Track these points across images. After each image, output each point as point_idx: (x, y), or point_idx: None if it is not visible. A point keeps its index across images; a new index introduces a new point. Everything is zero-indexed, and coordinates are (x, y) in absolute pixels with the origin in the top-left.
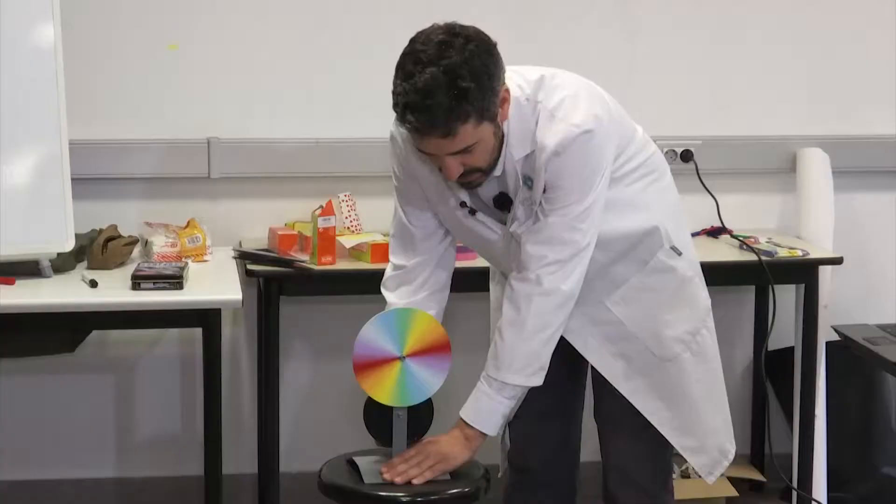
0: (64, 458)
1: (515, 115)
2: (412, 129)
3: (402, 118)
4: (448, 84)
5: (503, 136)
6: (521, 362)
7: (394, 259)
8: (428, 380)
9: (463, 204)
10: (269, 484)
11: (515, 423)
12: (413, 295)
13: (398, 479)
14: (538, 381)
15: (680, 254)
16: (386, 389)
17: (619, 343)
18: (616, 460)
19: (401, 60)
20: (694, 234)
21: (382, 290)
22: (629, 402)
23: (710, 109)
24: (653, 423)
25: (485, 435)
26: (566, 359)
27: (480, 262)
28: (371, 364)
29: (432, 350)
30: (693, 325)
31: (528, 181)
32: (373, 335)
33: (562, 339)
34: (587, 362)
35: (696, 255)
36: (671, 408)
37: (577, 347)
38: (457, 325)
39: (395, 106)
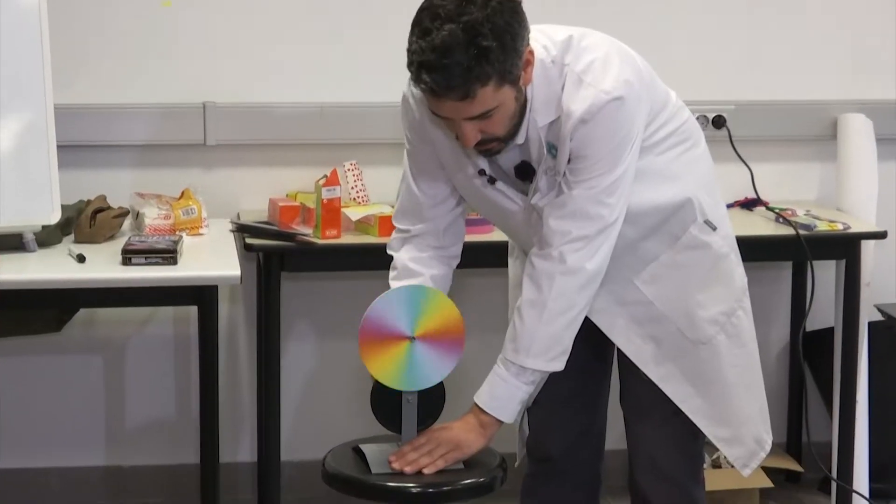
0: (49, 445)
1: (540, 79)
2: (427, 91)
3: (416, 78)
4: (467, 42)
5: (526, 101)
6: (541, 345)
7: (398, 224)
8: (440, 362)
9: (482, 172)
10: (270, 473)
11: (535, 409)
12: (419, 251)
13: (408, 469)
14: (559, 365)
15: (714, 228)
16: (395, 372)
17: (647, 325)
18: (643, 449)
19: (417, 16)
20: (728, 206)
21: (388, 250)
22: (658, 389)
23: (744, 72)
24: (684, 411)
25: (501, 422)
26: (591, 341)
27: (498, 236)
28: (379, 345)
29: (445, 331)
30: (728, 306)
31: (553, 149)
32: (381, 314)
33: (586, 319)
34: (613, 345)
35: (732, 230)
36: (704, 395)
37: (602, 329)
38: (472, 304)
39: (410, 65)
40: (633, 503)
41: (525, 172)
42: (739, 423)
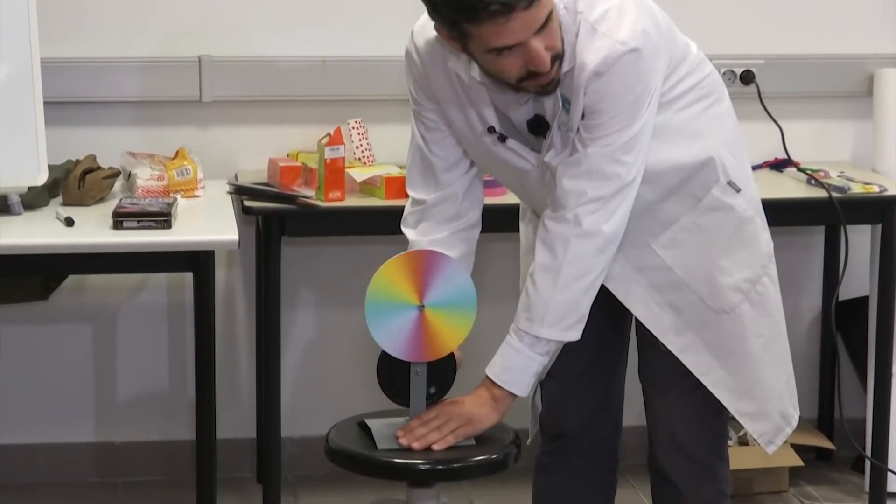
0: (36, 419)
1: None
2: (497, 12)
3: (479, 7)
4: None
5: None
6: (556, 314)
7: (412, 193)
8: (451, 332)
9: (491, 129)
10: (270, 450)
11: (549, 382)
12: (436, 231)
13: (416, 445)
14: (575, 335)
15: (738, 190)
16: (403, 342)
17: (667, 292)
18: (663, 425)
19: None
20: (755, 168)
21: (402, 227)
22: (678, 360)
23: (774, 24)
24: (705, 384)
25: (514, 395)
26: (607, 309)
27: (511, 199)
28: (386, 313)
29: (456, 299)
30: (753, 272)
31: (567, 103)
32: (389, 280)
33: (603, 287)
34: (631, 314)
35: (758, 192)
36: (727, 367)
37: (618, 296)
38: (483, 271)
39: (459, 4)
40: (653, 482)
41: (538, 128)
42: (764, 396)
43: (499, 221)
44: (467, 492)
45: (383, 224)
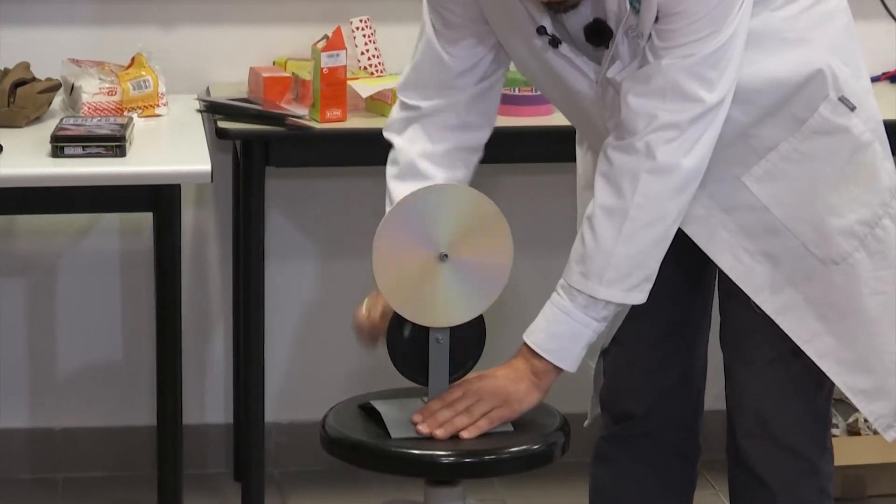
0: None
1: None
2: None
3: None
4: None
5: None
6: (619, 269)
7: (404, 97)
8: (480, 289)
9: (541, 30)
10: (250, 439)
11: (614, 349)
12: (430, 141)
13: (440, 433)
14: (641, 297)
15: (853, 108)
16: (420, 303)
17: (761, 238)
18: (748, 404)
19: None
20: (873, 80)
21: (385, 133)
22: (773, 324)
23: None
24: (808, 353)
25: (560, 370)
26: (685, 262)
27: (560, 119)
28: (400, 266)
29: (488, 247)
30: (871, 212)
31: (637, 2)
32: (402, 224)
33: (680, 232)
34: (714, 266)
35: (878, 110)
36: (835, 332)
37: (699, 243)
38: (524, 211)
39: None
40: (733, 476)
41: (599, 36)
42: (885, 370)
43: (544, 148)
44: (500, 491)
45: None
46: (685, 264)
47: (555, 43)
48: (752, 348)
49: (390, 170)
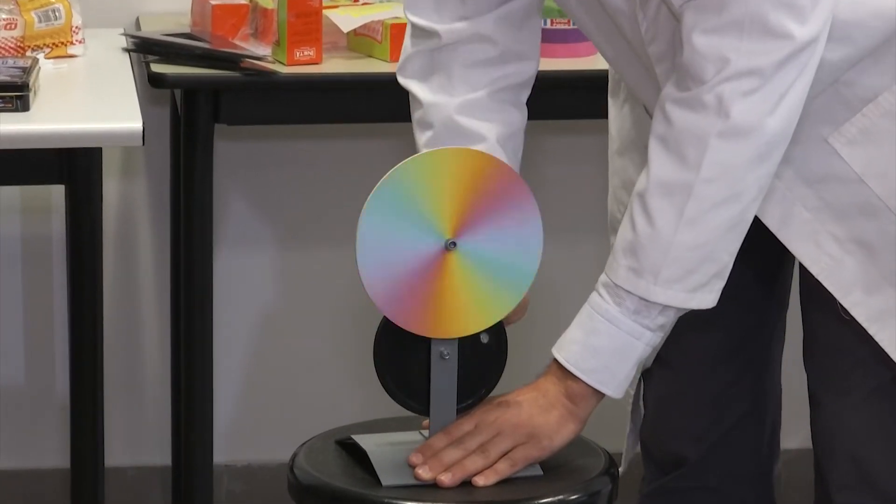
0: None
1: None
2: None
3: None
4: None
5: None
6: (682, 263)
7: (413, 16)
8: (497, 287)
9: None
10: (194, 484)
11: (658, 371)
12: (466, 86)
13: (445, 479)
14: (711, 298)
15: None
16: (419, 306)
17: (852, 220)
18: (840, 444)
19: None
20: None
21: (400, 77)
22: (869, 336)
23: None
24: None
25: (601, 395)
26: (753, 255)
27: (598, 63)
28: (392, 258)
29: (507, 230)
30: None
31: None
32: (394, 203)
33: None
34: (792, 259)
35: None
36: None
37: (770, 227)
38: (552, 185)
39: None
40: None
41: None
42: None
43: (575, 101)
44: None
45: (387, 104)
46: (753, 259)
47: None
48: (846, 373)
49: (422, 135)
